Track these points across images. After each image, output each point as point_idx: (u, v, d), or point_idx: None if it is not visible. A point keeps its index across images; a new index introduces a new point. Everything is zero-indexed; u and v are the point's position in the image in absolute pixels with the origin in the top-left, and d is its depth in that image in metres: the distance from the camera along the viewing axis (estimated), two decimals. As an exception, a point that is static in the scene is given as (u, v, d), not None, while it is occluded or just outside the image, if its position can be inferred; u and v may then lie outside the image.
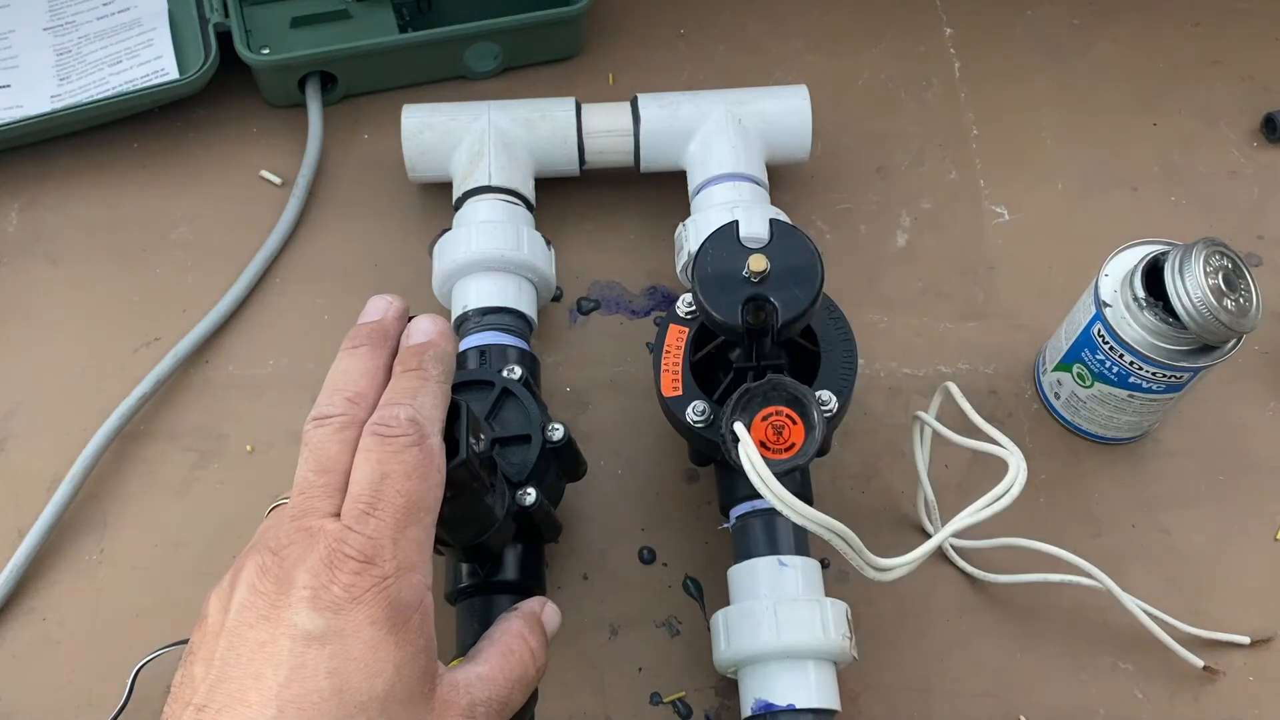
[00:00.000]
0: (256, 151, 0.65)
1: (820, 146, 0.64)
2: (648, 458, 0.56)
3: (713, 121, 0.60)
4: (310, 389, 0.38)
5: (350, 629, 0.32)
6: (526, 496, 0.45)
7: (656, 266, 0.62)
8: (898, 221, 0.64)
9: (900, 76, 0.69)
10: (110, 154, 0.65)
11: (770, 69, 0.69)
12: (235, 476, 0.56)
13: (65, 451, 0.55)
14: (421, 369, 0.38)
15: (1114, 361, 0.51)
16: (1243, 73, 0.69)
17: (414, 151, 0.60)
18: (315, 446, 0.36)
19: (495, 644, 0.40)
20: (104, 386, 0.57)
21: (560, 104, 0.60)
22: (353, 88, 0.67)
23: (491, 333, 0.53)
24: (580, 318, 0.61)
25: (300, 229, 0.63)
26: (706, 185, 0.58)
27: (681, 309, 0.49)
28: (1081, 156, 0.66)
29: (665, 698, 0.51)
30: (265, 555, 0.34)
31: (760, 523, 0.48)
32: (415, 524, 0.35)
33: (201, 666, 0.34)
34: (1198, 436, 0.57)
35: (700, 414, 0.46)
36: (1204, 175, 0.65)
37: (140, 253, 0.62)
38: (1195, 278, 0.47)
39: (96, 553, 0.54)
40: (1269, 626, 0.52)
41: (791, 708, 0.44)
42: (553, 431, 0.47)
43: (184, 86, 0.63)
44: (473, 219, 0.57)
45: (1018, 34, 0.71)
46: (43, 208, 0.63)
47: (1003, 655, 0.52)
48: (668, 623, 0.52)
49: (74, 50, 0.66)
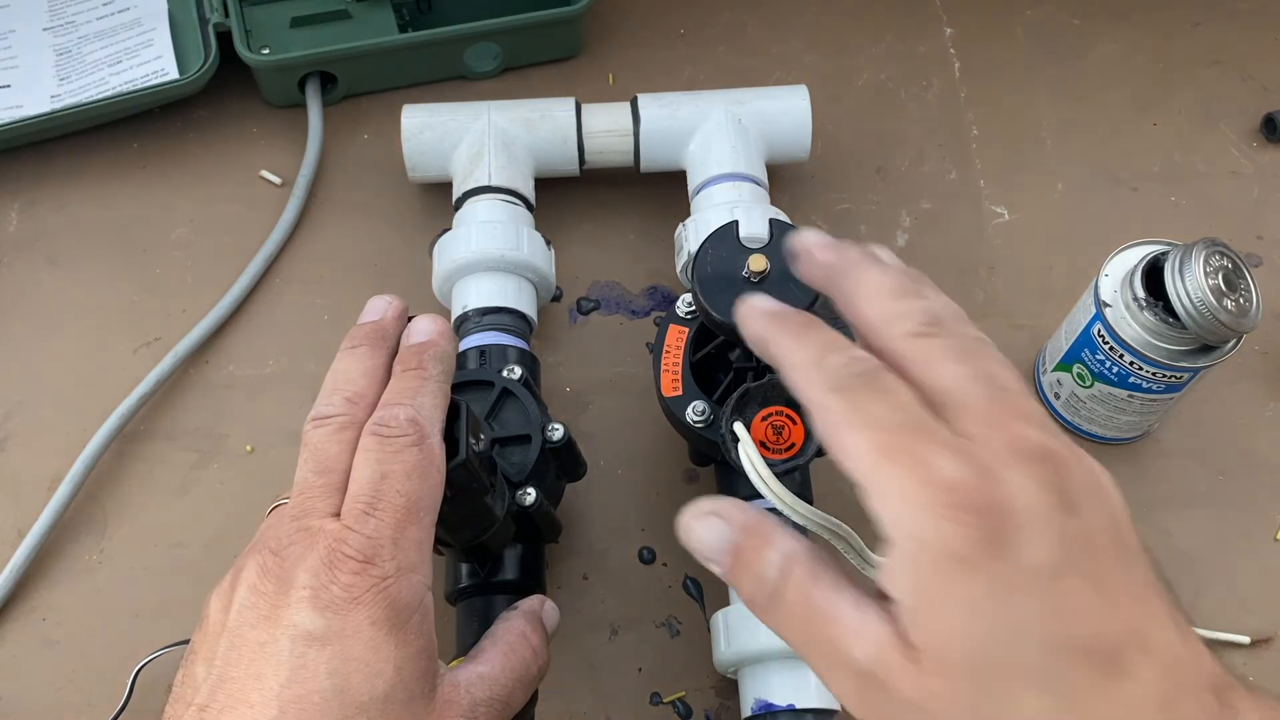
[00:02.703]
0: (256, 151, 0.65)
1: (820, 146, 0.64)
2: (648, 458, 0.56)
3: (713, 121, 0.60)
4: (310, 389, 0.38)
5: (350, 629, 0.33)
6: (526, 496, 0.45)
7: (656, 266, 0.62)
8: (898, 221, 0.64)
9: (900, 76, 0.69)
10: (110, 154, 0.65)
11: (770, 69, 0.69)
12: (235, 476, 0.56)
13: (65, 451, 0.55)
14: (421, 369, 0.38)
15: (1114, 361, 0.51)
16: (1243, 73, 0.69)
17: (414, 151, 0.60)
18: (315, 447, 0.36)
19: (497, 643, 0.40)
20: (104, 386, 0.57)
21: (560, 104, 0.60)
22: (353, 88, 0.67)
23: (491, 333, 0.53)
24: (580, 318, 0.61)
25: (300, 229, 0.63)
26: (706, 185, 0.58)
27: (681, 309, 0.49)
28: (1081, 156, 0.66)
29: (665, 698, 0.51)
30: (266, 555, 0.34)
31: (760, 523, 0.48)
32: (415, 524, 0.35)
33: (203, 667, 0.34)
34: (1198, 436, 0.57)
35: (700, 414, 0.46)
36: (1204, 175, 0.66)
37: (140, 253, 0.62)
38: (1195, 278, 0.47)
39: (96, 553, 0.54)
40: (1269, 627, 0.52)
41: (791, 708, 0.44)
42: (553, 431, 0.47)
43: (184, 86, 0.63)
44: (473, 219, 0.57)
45: (1018, 34, 0.71)
46: (43, 208, 0.63)
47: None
48: (668, 623, 0.52)
49: (74, 50, 0.66)
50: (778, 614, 0.31)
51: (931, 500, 0.28)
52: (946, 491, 0.27)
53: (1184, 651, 0.28)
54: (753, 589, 0.31)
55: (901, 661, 0.28)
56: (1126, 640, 0.27)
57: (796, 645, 0.31)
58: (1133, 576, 0.28)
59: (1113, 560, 0.28)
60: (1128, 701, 0.26)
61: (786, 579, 0.31)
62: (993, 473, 0.28)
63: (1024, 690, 0.27)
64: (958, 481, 0.27)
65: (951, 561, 0.27)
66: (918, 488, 0.28)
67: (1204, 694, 0.27)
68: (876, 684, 0.28)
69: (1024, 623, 0.27)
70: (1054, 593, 0.27)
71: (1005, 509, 0.27)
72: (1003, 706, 0.27)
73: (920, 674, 0.28)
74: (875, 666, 0.28)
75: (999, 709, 0.27)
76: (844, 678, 0.29)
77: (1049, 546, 0.27)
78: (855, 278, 0.33)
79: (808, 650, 0.30)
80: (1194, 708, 0.27)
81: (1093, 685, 0.27)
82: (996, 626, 0.27)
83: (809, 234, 0.35)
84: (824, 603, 0.30)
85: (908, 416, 0.29)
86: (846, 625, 0.29)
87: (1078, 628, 0.27)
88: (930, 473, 0.28)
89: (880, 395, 0.30)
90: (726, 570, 0.32)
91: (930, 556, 0.28)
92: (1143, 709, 0.27)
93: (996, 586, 0.27)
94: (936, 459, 0.28)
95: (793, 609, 0.30)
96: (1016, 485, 0.27)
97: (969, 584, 0.27)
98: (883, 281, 0.32)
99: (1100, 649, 0.27)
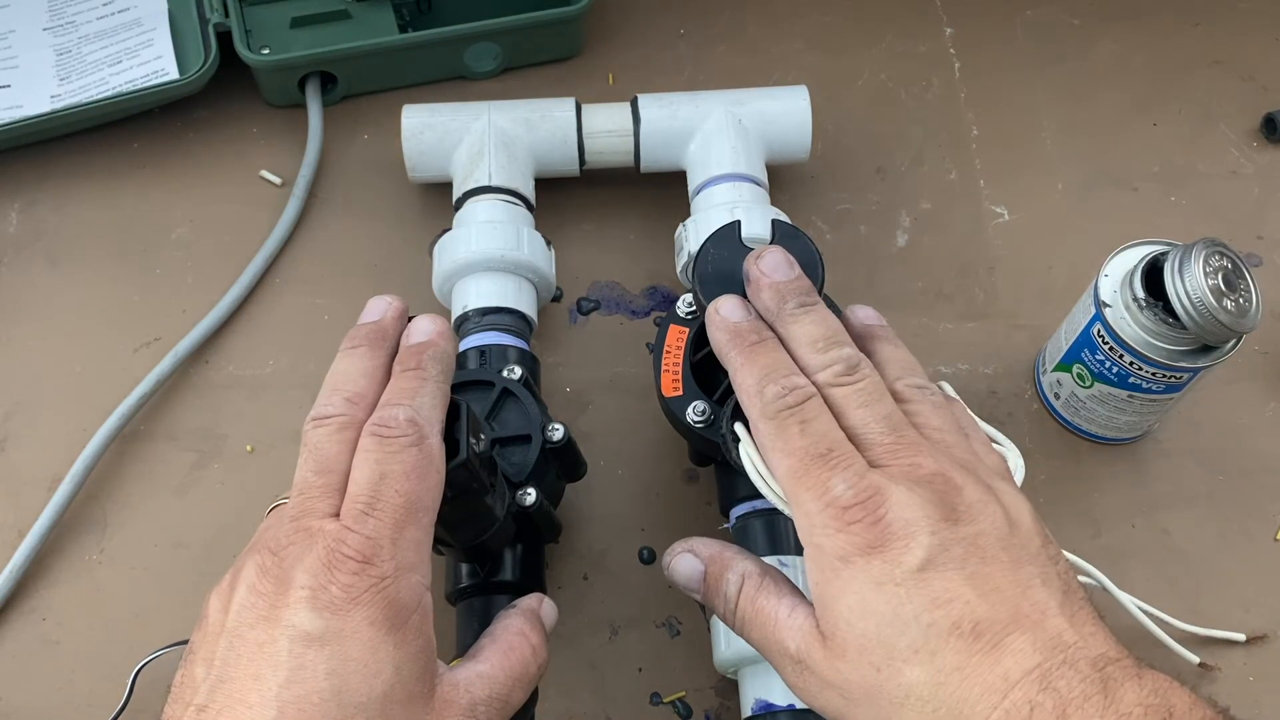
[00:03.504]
0: (256, 151, 0.65)
1: (820, 146, 0.64)
2: (648, 458, 0.56)
3: (713, 122, 0.60)
4: (310, 389, 0.38)
5: (349, 630, 0.33)
6: (526, 496, 0.45)
7: (656, 266, 0.62)
8: (898, 221, 0.64)
9: (900, 76, 0.69)
10: (110, 154, 0.65)
11: (770, 69, 0.69)
12: (235, 476, 0.56)
13: (65, 451, 0.55)
14: (420, 369, 0.38)
15: (1114, 361, 0.51)
16: (1243, 73, 0.69)
17: (414, 151, 0.60)
18: (314, 447, 0.36)
19: (496, 641, 0.40)
20: (104, 386, 0.57)
21: (560, 104, 0.60)
22: (353, 88, 0.67)
23: (491, 333, 0.53)
24: (580, 318, 0.61)
25: (300, 229, 0.63)
26: (706, 185, 0.58)
27: (681, 309, 0.49)
28: (1081, 156, 0.66)
29: (665, 698, 0.51)
30: (265, 555, 0.34)
31: (761, 523, 0.48)
32: (414, 524, 0.35)
33: (202, 667, 0.34)
34: (1198, 436, 0.57)
35: (700, 414, 0.46)
36: (1204, 175, 0.65)
37: (140, 253, 0.62)
38: (1195, 278, 0.47)
39: (96, 553, 0.54)
40: (1269, 626, 0.52)
41: (792, 707, 0.44)
42: (553, 432, 0.47)
43: (184, 86, 0.63)
44: (473, 219, 0.57)
45: (1018, 34, 0.71)
46: (43, 208, 0.63)
47: (1003, 655, 0.52)
48: (668, 623, 0.52)
49: (74, 50, 0.66)
50: (738, 621, 0.39)
51: (827, 517, 0.35)
52: (841, 510, 0.34)
53: (1071, 635, 0.33)
54: (720, 605, 0.39)
55: (819, 649, 0.35)
56: (1005, 624, 0.32)
57: (754, 644, 0.38)
58: (1020, 573, 0.34)
59: (997, 559, 0.34)
60: (1003, 673, 0.32)
61: (740, 593, 0.38)
62: (882, 494, 0.34)
63: (907, 665, 0.33)
64: (849, 501, 0.34)
65: (843, 563, 0.34)
66: (820, 507, 0.35)
67: (1085, 669, 0.32)
68: (805, 669, 0.35)
69: (904, 611, 0.33)
70: (930, 585, 0.33)
71: (887, 521, 0.34)
72: (893, 680, 0.33)
73: (830, 657, 0.34)
74: (801, 654, 0.35)
75: (889, 682, 0.33)
76: (784, 665, 0.37)
77: (925, 549, 0.33)
78: (787, 328, 0.40)
79: (761, 647, 0.38)
80: (1071, 679, 0.31)
81: (968, 659, 0.32)
82: (881, 615, 0.33)
83: (766, 259, 0.42)
84: (767, 607, 0.37)
85: (819, 446, 0.36)
86: (781, 623, 0.37)
87: (953, 613, 0.32)
88: (828, 494, 0.35)
89: (800, 427, 0.36)
90: (703, 595, 0.40)
91: (828, 560, 0.34)
92: (1018, 679, 0.31)
93: (880, 582, 0.33)
94: (834, 483, 0.35)
95: (746, 616, 0.38)
96: (901, 503, 0.34)
97: (858, 581, 0.34)
98: (811, 333, 0.39)
99: (975, 631, 0.32)
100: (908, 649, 0.33)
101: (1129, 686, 0.31)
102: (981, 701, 0.31)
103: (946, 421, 0.38)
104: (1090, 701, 0.31)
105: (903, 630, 0.33)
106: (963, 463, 0.36)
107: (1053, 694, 0.31)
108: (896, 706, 0.33)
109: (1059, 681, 0.31)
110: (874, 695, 0.33)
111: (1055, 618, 0.33)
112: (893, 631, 0.33)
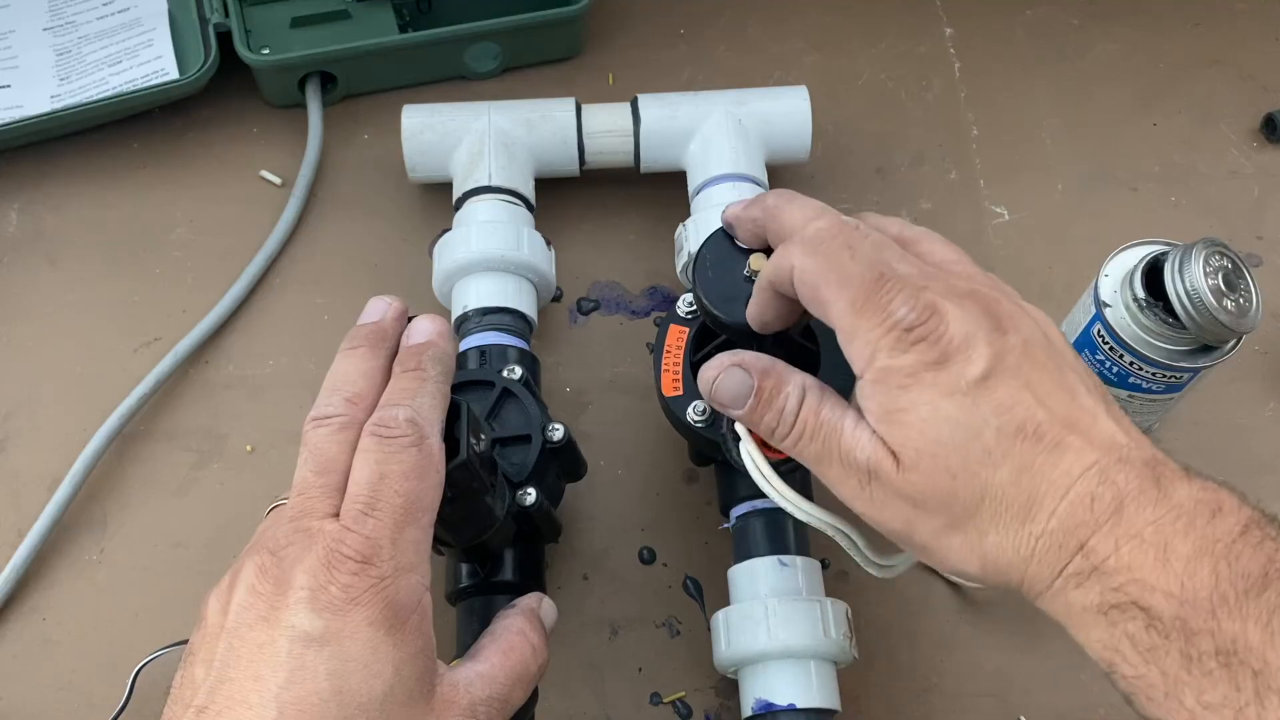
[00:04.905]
0: (256, 151, 0.65)
1: (820, 146, 0.64)
2: (648, 458, 0.56)
3: (713, 122, 0.60)
4: (310, 389, 0.38)
5: (348, 630, 0.33)
6: (526, 497, 0.45)
7: (656, 266, 0.62)
8: (898, 221, 0.64)
9: (900, 76, 0.69)
10: (110, 154, 0.65)
11: (770, 69, 0.69)
12: (235, 476, 0.56)
13: (65, 451, 0.55)
14: (420, 369, 0.38)
15: (1114, 361, 0.51)
16: (1243, 73, 0.69)
17: (414, 151, 0.60)
18: (314, 447, 0.36)
19: (496, 641, 0.40)
20: (104, 386, 0.57)
21: (560, 104, 0.60)
22: (353, 88, 0.67)
23: (491, 333, 0.53)
24: (580, 318, 0.61)
25: (300, 229, 0.63)
26: (707, 185, 0.58)
27: (681, 309, 0.49)
28: (1081, 156, 0.66)
29: (665, 698, 0.51)
30: (264, 556, 0.34)
31: (761, 522, 0.48)
32: (413, 524, 0.35)
33: (202, 668, 0.34)
34: (1198, 436, 0.57)
35: (701, 414, 0.46)
36: (1204, 175, 0.65)
37: (140, 253, 0.62)
38: (1195, 278, 0.47)
39: (96, 553, 0.54)
40: (1269, 626, 0.52)
41: (792, 707, 0.44)
42: (553, 432, 0.47)
43: (184, 86, 0.63)
44: (473, 219, 0.57)
45: (1018, 34, 0.71)
46: (43, 208, 0.63)
47: (1003, 655, 0.52)
48: (668, 623, 0.52)
49: (74, 50, 0.66)
50: (795, 435, 0.39)
51: (892, 340, 0.36)
52: (904, 331, 0.35)
53: (1122, 437, 0.35)
54: (774, 420, 0.39)
55: (889, 461, 0.36)
56: (1062, 425, 0.34)
57: (813, 458, 0.38)
58: (1065, 379, 0.36)
59: (1044, 366, 0.36)
60: (1068, 469, 0.34)
61: (802, 404, 0.39)
62: (940, 311, 0.35)
63: (983, 468, 0.34)
64: (911, 322, 0.35)
65: (912, 379, 0.35)
66: (883, 331, 0.36)
67: (1139, 466, 0.34)
68: (875, 479, 0.36)
69: (975, 418, 0.34)
70: (994, 392, 0.35)
71: (950, 336, 0.35)
72: (969, 484, 0.35)
73: (902, 470, 0.36)
74: (873, 465, 0.36)
75: (965, 487, 0.35)
76: (848, 478, 0.37)
77: (986, 359, 0.35)
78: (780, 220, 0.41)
79: (823, 459, 0.38)
80: (1128, 474, 0.34)
81: (1034, 459, 0.34)
82: (955, 423, 0.35)
83: (734, 205, 0.43)
84: (833, 418, 0.38)
85: (873, 272, 0.37)
86: (847, 434, 0.37)
87: (1017, 417, 0.34)
88: (890, 319, 0.36)
89: (850, 253, 0.37)
90: (749, 411, 0.40)
91: (896, 379, 0.36)
92: (1078, 474, 0.34)
93: (950, 393, 0.35)
94: (894, 306, 0.36)
95: (809, 428, 0.38)
96: (957, 317, 0.35)
97: (929, 394, 0.35)
98: (804, 213, 0.40)
99: (1038, 433, 0.34)
100: (982, 453, 0.34)
101: (1180, 484, 0.34)
102: (1049, 496, 0.34)
103: (958, 253, 0.40)
104: (1145, 494, 0.33)
105: (976, 436, 0.34)
106: (986, 283, 0.38)
107: (1111, 486, 0.33)
108: (971, 509, 0.35)
109: (1117, 476, 0.33)
110: (948, 501, 0.35)
111: (1105, 420, 0.35)
112: (966, 437, 0.34)
